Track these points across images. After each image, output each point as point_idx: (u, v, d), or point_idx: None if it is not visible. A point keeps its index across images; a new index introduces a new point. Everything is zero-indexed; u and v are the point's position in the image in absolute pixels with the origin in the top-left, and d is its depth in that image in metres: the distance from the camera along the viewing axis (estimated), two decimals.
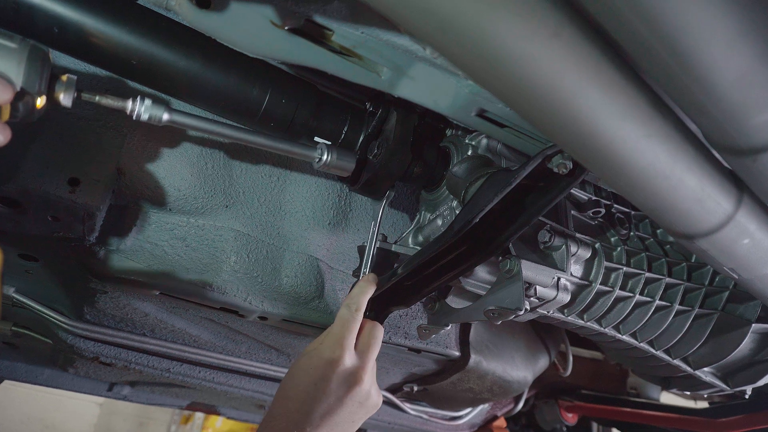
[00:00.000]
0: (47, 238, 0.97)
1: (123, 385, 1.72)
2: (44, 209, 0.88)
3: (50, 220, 0.90)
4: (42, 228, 0.94)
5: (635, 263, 1.06)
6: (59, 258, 1.05)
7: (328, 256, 1.15)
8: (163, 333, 1.29)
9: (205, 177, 0.99)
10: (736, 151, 0.50)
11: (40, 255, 1.06)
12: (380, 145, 0.89)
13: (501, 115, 0.78)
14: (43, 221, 0.90)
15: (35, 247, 1.04)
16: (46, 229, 0.94)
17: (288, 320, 1.17)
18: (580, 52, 0.41)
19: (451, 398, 1.62)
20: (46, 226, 0.92)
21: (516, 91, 0.43)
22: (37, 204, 0.86)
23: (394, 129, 0.87)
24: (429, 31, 0.40)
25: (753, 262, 0.64)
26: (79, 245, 0.96)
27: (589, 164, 0.53)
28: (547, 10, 0.38)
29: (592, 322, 1.06)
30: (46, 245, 1.01)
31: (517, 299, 0.83)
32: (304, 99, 0.85)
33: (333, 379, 0.76)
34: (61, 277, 1.13)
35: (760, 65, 0.42)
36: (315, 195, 1.10)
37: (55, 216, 0.89)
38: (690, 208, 0.55)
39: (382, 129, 0.91)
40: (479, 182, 0.83)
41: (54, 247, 1.00)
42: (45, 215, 0.89)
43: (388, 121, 0.90)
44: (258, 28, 0.68)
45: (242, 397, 1.62)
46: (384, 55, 0.71)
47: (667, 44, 0.40)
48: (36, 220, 0.90)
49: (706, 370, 1.19)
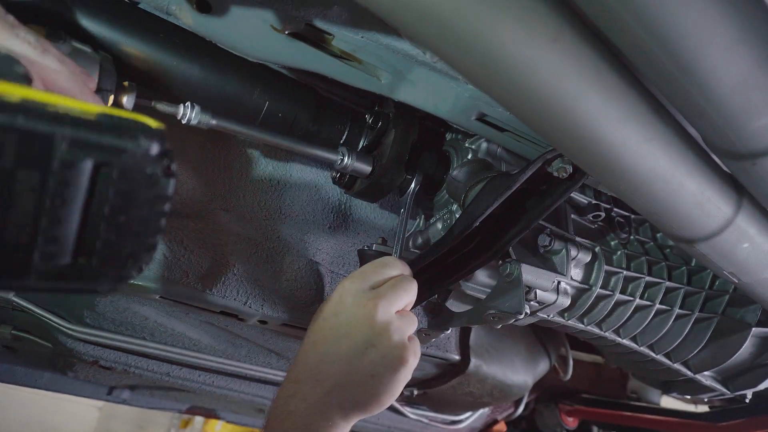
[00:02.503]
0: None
1: (122, 389, 1.71)
2: None
3: None
4: None
5: (635, 267, 1.06)
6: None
7: (328, 260, 1.15)
8: (162, 337, 1.29)
9: (205, 181, 0.99)
10: (735, 156, 0.50)
11: None
12: (376, 159, 0.90)
13: (501, 119, 0.78)
14: None
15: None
16: None
17: (288, 324, 1.16)
18: (580, 56, 0.41)
19: (451, 402, 1.62)
20: None
21: (516, 96, 0.43)
22: None
23: (390, 148, 0.87)
24: (428, 35, 0.40)
25: (753, 266, 0.64)
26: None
27: (589, 168, 0.53)
28: (546, 15, 0.38)
29: (592, 325, 1.06)
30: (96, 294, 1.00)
31: (518, 303, 0.83)
32: (304, 103, 0.85)
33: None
34: None
35: (759, 70, 0.42)
36: (315, 199, 1.10)
37: None
38: (690, 212, 0.55)
39: (381, 142, 0.91)
40: (479, 186, 0.83)
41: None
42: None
43: (387, 135, 0.90)
44: (258, 32, 0.68)
45: (242, 400, 1.62)
46: (384, 60, 0.71)
47: (667, 49, 0.40)
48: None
49: (707, 374, 1.19)
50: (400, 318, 0.71)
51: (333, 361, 0.66)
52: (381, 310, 0.68)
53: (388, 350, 0.67)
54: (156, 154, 0.45)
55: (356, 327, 0.67)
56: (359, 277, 0.72)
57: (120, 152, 0.43)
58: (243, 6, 0.66)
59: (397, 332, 0.69)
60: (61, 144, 0.40)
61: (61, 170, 0.41)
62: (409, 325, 0.72)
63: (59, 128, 0.40)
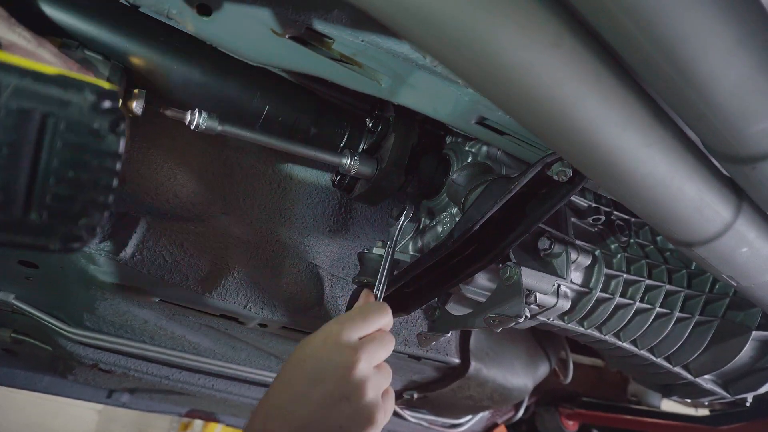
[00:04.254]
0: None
1: (122, 392, 1.71)
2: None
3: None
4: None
5: (635, 270, 1.06)
6: (59, 265, 1.05)
7: (328, 263, 1.15)
8: (162, 340, 1.29)
9: (205, 184, 0.99)
10: (734, 160, 0.50)
11: (40, 262, 1.06)
12: (377, 162, 0.90)
13: (501, 122, 0.78)
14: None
15: (35, 254, 1.04)
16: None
17: (288, 327, 1.16)
18: (580, 61, 0.41)
19: (451, 406, 1.61)
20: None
21: (516, 100, 0.44)
22: None
23: (390, 152, 0.88)
24: (429, 40, 0.40)
25: (752, 270, 0.64)
26: (80, 252, 0.96)
27: (588, 172, 0.53)
28: (547, 20, 0.39)
29: (592, 329, 1.06)
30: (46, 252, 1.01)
31: (518, 306, 0.83)
32: (305, 107, 0.85)
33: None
34: (61, 284, 1.13)
35: (758, 74, 0.42)
36: (315, 202, 1.10)
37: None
38: (689, 216, 0.55)
39: (381, 145, 0.92)
40: (479, 189, 0.83)
41: (54, 254, 1.00)
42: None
43: (387, 139, 0.91)
44: (258, 36, 0.68)
45: (241, 404, 1.62)
46: (384, 63, 0.71)
47: (666, 54, 0.40)
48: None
49: (707, 378, 1.19)
50: (377, 373, 0.70)
51: (304, 404, 0.65)
52: (362, 365, 0.67)
53: (361, 407, 0.66)
54: (103, 108, 0.48)
55: (334, 375, 0.66)
56: (348, 324, 0.71)
57: (66, 104, 0.46)
58: (243, 10, 0.66)
59: (373, 389, 0.68)
60: (6, 90, 0.43)
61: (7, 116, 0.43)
62: (385, 380, 0.72)
63: (6, 76, 0.43)
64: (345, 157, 0.88)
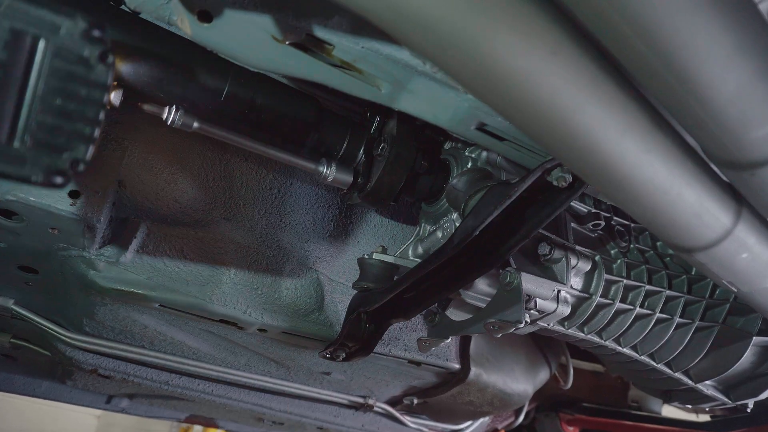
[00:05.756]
0: (47, 251, 0.97)
1: (121, 398, 1.71)
2: (45, 221, 0.88)
3: (51, 232, 0.90)
4: (42, 240, 0.94)
5: (635, 276, 1.06)
6: (59, 270, 1.05)
7: (328, 269, 1.15)
8: (162, 345, 1.28)
9: (206, 189, 0.99)
10: (734, 166, 0.50)
11: (39, 267, 1.06)
12: (373, 172, 0.90)
13: (500, 128, 0.78)
14: (43, 233, 0.91)
15: (35, 259, 1.04)
16: (47, 241, 0.94)
17: (287, 332, 1.16)
18: (579, 68, 0.41)
19: (451, 411, 1.61)
20: (47, 238, 0.92)
21: (515, 107, 0.44)
22: (37, 216, 0.87)
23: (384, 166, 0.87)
24: (428, 47, 0.40)
25: (752, 276, 0.64)
26: (80, 257, 0.96)
27: (588, 178, 0.53)
28: (546, 28, 0.39)
29: (592, 334, 1.06)
30: (46, 257, 1.01)
31: (518, 312, 0.83)
32: (305, 112, 0.85)
33: None
34: (61, 289, 1.13)
35: (756, 81, 0.42)
36: (315, 207, 1.10)
37: (56, 228, 0.89)
38: (688, 222, 0.55)
39: (380, 154, 0.92)
40: (479, 195, 0.83)
41: (54, 259, 1.00)
42: (45, 227, 0.89)
43: (391, 150, 0.90)
44: (259, 42, 0.68)
45: (241, 409, 1.61)
46: (384, 70, 0.71)
47: (666, 61, 0.40)
48: (36, 232, 0.90)
49: (708, 384, 1.18)
50: None
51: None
52: None
53: None
54: (93, 36, 0.47)
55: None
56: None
57: (57, 28, 0.46)
58: (244, 16, 0.66)
59: None
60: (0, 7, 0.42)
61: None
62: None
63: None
64: (321, 165, 0.88)
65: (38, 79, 0.47)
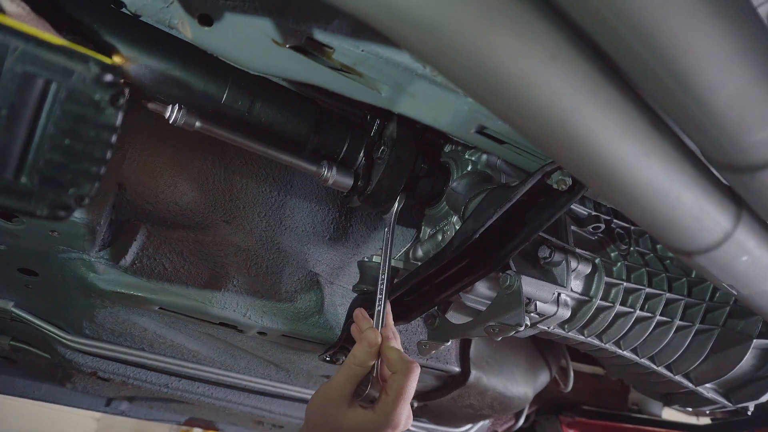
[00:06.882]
0: (47, 253, 0.97)
1: (121, 401, 1.71)
2: (44, 224, 0.88)
3: (50, 235, 0.90)
4: (42, 242, 0.94)
5: (635, 278, 1.06)
6: (59, 272, 1.05)
7: (327, 272, 1.15)
8: (161, 348, 1.28)
9: (206, 192, 1.00)
10: (734, 169, 0.50)
11: (39, 269, 1.06)
12: (373, 175, 0.90)
13: (501, 131, 0.78)
14: (43, 236, 0.91)
15: (35, 262, 1.04)
16: (47, 243, 0.94)
17: (287, 336, 1.16)
18: (578, 72, 0.41)
19: (451, 414, 1.61)
20: (47, 240, 0.92)
21: (515, 110, 0.44)
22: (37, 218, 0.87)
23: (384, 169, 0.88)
24: (428, 50, 0.41)
25: (752, 279, 0.64)
26: (80, 260, 0.96)
27: (588, 181, 0.53)
28: (545, 31, 0.39)
29: (592, 337, 1.06)
30: (46, 259, 1.01)
31: (518, 315, 0.83)
32: (305, 115, 0.85)
33: None
34: (61, 292, 1.13)
35: (757, 83, 0.42)
36: (315, 210, 1.10)
37: (56, 230, 0.89)
38: (688, 225, 0.55)
39: (380, 157, 0.92)
40: (479, 198, 0.84)
41: (54, 262, 1.00)
42: (45, 230, 0.89)
43: (391, 152, 0.91)
44: (259, 46, 0.69)
45: (241, 412, 1.61)
46: (384, 73, 0.72)
47: (665, 64, 0.41)
48: (36, 234, 0.90)
49: (708, 387, 1.18)
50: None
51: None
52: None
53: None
54: (105, 81, 0.48)
55: None
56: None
57: (70, 73, 0.47)
58: (244, 20, 0.66)
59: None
60: (13, 53, 0.44)
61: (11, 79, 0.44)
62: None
63: (14, 40, 0.44)
64: (322, 167, 0.88)
65: (48, 119, 0.48)
